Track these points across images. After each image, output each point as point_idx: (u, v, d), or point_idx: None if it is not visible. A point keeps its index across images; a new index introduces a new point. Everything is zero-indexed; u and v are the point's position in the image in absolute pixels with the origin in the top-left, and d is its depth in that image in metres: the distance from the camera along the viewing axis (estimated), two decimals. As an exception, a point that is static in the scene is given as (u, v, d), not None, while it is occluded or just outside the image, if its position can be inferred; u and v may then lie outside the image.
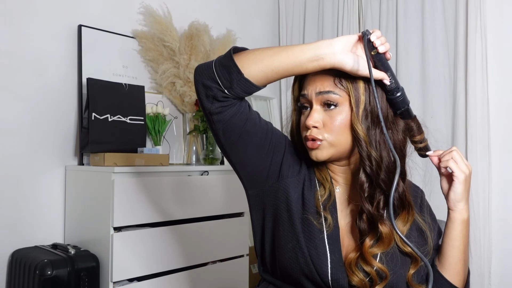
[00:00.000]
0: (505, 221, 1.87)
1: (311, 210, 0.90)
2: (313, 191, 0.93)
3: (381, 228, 0.85)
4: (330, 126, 0.86)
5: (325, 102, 0.87)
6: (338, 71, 0.85)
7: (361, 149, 0.85)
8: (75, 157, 1.89)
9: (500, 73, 1.90)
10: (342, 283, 0.86)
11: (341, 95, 0.86)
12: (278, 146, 0.93)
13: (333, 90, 0.86)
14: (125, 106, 1.86)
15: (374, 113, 0.85)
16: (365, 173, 0.87)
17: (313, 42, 0.83)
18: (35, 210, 1.77)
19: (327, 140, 0.87)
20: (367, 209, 0.86)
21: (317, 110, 0.88)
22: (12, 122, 1.73)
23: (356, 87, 0.85)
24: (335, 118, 0.86)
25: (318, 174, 0.95)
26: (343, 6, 2.42)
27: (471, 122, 1.89)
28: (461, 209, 0.89)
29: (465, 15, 1.94)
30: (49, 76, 1.82)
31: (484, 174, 1.86)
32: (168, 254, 1.71)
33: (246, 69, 0.82)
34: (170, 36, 2.07)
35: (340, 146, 0.88)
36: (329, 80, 0.87)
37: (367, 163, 0.85)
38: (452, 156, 0.89)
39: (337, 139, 0.87)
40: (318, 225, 0.89)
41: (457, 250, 0.91)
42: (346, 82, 0.86)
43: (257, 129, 0.90)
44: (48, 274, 1.47)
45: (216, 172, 1.94)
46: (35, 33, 1.79)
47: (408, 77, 2.14)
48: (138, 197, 1.63)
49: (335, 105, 0.86)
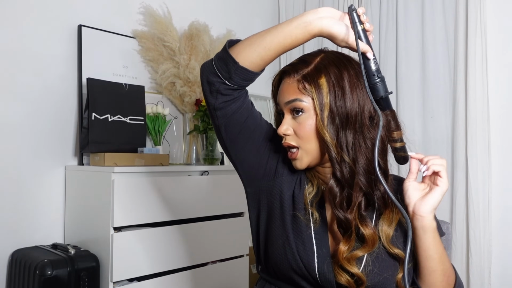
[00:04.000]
0: (505, 221, 1.87)
1: (299, 207, 0.91)
2: (303, 188, 0.93)
3: (363, 230, 0.84)
4: (300, 133, 0.87)
5: (292, 109, 0.87)
6: (303, 74, 0.86)
7: (329, 154, 0.84)
8: (75, 157, 1.89)
9: (500, 73, 1.90)
10: (329, 277, 0.86)
11: (306, 102, 0.85)
12: (276, 145, 0.95)
13: (298, 97, 0.86)
14: (125, 106, 1.86)
15: (342, 115, 0.83)
16: (334, 178, 0.86)
17: None
18: (35, 210, 1.77)
19: (301, 148, 0.88)
20: (337, 215, 0.85)
21: (287, 119, 0.89)
22: (12, 122, 1.72)
23: (320, 90, 0.84)
24: (303, 124, 0.86)
25: (308, 172, 0.95)
26: (343, 6, 2.42)
27: (471, 122, 1.89)
28: (432, 217, 0.83)
29: (465, 15, 1.94)
30: (49, 76, 1.82)
31: (484, 174, 1.86)
32: (168, 254, 1.71)
33: (241, 57, 0.83)
34: (170, 36, 2.07)
35: (314, 151, 0.88)
36: (294, 87, 0.87)
37: (337, 167, 0.84)
38: (443, 163, 0.83)
39: (309, 145, 0.87)
40: (305, 221, 0.89)
41: (433, 261, 0.84)
42: (309, 86, 0.85)
43: (257, 126, 0.93)
44: (48, 274, 1.47)
45: (216, 172, 1.94)
46: (35, 33, 1.79)
47: (408, 77, 2.14)
48: (138, 197, 1.63)
49: (301, 111, 0.86)
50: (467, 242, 1.90)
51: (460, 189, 1.92)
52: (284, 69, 0.92)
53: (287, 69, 0.91)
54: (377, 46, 2.28)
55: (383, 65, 2.22)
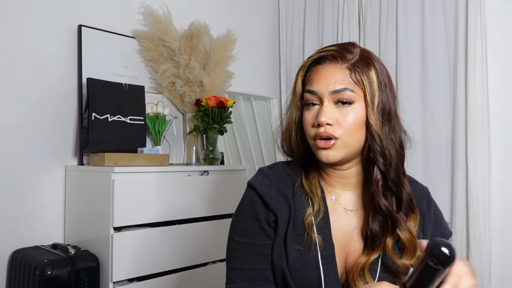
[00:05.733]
0: (505, 221, 1.87)
1: (299, 233, 0.85)
2: (302, 212, 0.87)
3: (401, 234, 0.81)
4: (345, 124, 0.81)
5: (339, 100, 0.82)
6: (352, 62, 0.82)
7: (376, 146, 0.82)
8: (75, 157, 1.89)
9: (500, 73, 1.90)
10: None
11: (356, 92, 0.81)
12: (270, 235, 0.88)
13: (348, 87, 0.81)
14: (125, 106, 1.86)
15: (385, 109, 0.83)
16: (379, 170, 0.83)
17: None
18: (35, 210, 1.77)
19: (341, 139, 0.82)
20: (384, 205, 0.82)
21: (329, 107, 0.82)
22: (12, 122, 1.73)
23: (371, 82, 0.82)
24: (349, 115, 0.81)
25: (307, 185, 0.89)
26: (343, 6, 2.42)
27: (471, 122, 1.89)
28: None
29: (465, 15, 1.94)
30: (49, 76, 1.82)
31: (484, 174, 1.86)
32: (168, 254, 1.71)
33: None
34: (170, 36, 2.07)
35: (353, 146, 0.83)
36: (344, 74, 0.82)
37: (381, 160, 0.82)
38: None
39: (351, 138, 0.82)
40: (307, 250, 0.83)
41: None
42: (360, 77, 0.82)
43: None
44: (48, 274, 1.47)
45: (216, 172, 1.94)
46: (35, 33, 1.79)
47: (408, 77, 2.14)
48: (138, 197, 1.63)
49: (351, 102, 0.81)
50: (467, 242, 1.90)
51: (460, 189, 1.92)
52: (326, 54, 0.85)
53: (331, 54, 0.84)
54: (377, 46, 2.28)
55: (383, 65, 2.22)
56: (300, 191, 0.89)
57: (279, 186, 0.89)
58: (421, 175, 2.08)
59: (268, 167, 0.94)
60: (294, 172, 0.92)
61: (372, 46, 2.29)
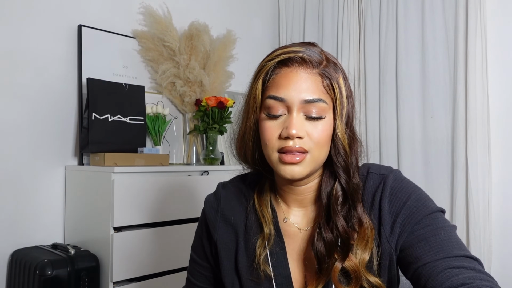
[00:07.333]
0: (505, 221, 1.87)
1: (253, 261, 0.79)
2: (256, 238, 0.80)
3: (346, 261, 0.72)
4: (315, 137, 0.72)
5: (310, 112, 0.72)
6: (322, 67, 0.73)
7: (341, 160, 0.74)
8: (75, 157, 1.89)
9: (500, 73, 1.90)
10: None
11: (327, 103, 0.72)
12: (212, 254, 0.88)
13: (322, 97, 0.72)
14: (125, 106, 1.86)
15: (349, 121, 0.75)
16: (340, 186, 0.75)
17: None
18: (35, 210, 1.77)
19: (311, 153, 0.72)
20: (342, 226, 0.73)
21: (299, 118, 0.72)
22: (12, 122, 1.73)
23: (341, 91, 0.73)
24: (319, 127, 0.72)
25: (258, 207, 0.82)
26: (343, 6, 2.42)
27: (471, 122, 1.89)
28: None
29: (465, 15, 1.94)
30: (49, 76, 1.82)
31: (484, 174, 1.86)
32: (168, 254, 1.71)
33: None
34: (170, 36, 2.07)
35: (320, 161, 0.74)
36: (316, 81, 0.72)
37: (344, 176, 0.74)
38: None
39: (320, 152, 0.73)
40: (261, 280, 0.78)
41: None
42: (333, 84, 0.73)
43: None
44: (48, 274, 1.47)
45: (216, 172, 1.94)
46: (35, 33, 1.79)
47: (408, 77, 2.14)
48: (138, 197, 1.63)
49: (323, 114, 0.72)
50: (467, 242, 1.90)
51: (460, 189, 1.92)
52: (293, 55, 0.73)
53: (299, 55, 0.72)
54: (377, 46, 2.28)
55: (383, 65, 2.22)
56: (253, 215, 0.83)
57: (225, 213, 0.85)
58: (421, 175, 2.08)
59: (223, 186, 0.90)
60: (248, 191, 0.86)
61: (372, 46, 2.29)
